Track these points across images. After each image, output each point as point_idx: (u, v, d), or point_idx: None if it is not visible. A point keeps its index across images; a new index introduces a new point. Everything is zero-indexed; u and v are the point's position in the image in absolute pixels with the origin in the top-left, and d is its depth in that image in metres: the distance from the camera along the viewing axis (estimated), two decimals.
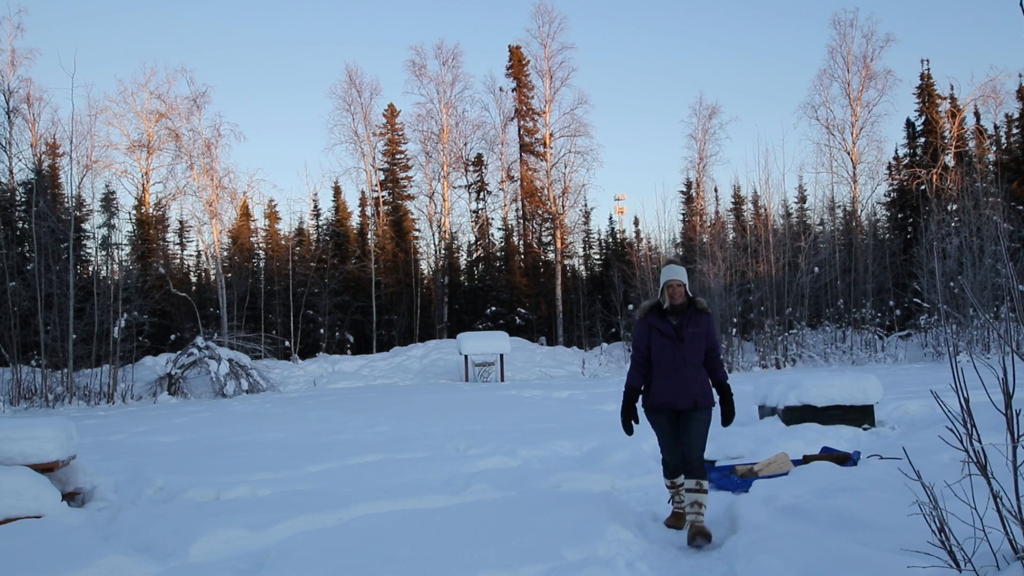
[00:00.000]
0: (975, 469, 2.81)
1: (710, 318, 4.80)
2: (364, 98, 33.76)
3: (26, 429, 5.67)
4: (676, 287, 4.75)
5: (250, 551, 4.54)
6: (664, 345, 4.72)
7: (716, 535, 4.62)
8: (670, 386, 4.68)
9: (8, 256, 20.97)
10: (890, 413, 9.20)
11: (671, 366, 4.68)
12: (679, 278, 4.77)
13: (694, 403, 4.65)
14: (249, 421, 12.62)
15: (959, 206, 26.38)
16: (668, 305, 4.77)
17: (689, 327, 4.71)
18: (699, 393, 4.68)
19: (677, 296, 4.75)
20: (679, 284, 4.76)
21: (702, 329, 4.73)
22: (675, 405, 4.68)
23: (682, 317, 4.75)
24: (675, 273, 4.80)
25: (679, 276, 4.79)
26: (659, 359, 4.73)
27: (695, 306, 4.79)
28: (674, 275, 4.79)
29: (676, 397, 4.67)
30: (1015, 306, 5.97)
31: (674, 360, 4.68)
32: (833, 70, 32.17)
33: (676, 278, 4.77)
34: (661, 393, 4.72)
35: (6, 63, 25.15)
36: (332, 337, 29.84)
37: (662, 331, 4.72)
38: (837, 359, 24.55)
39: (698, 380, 4.70)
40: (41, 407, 18.59)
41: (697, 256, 27.80)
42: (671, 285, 4.76)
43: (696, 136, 34.54)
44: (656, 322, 4.76)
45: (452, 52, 34.12)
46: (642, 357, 4.83)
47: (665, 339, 4.72)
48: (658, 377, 4.74)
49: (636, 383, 4.85)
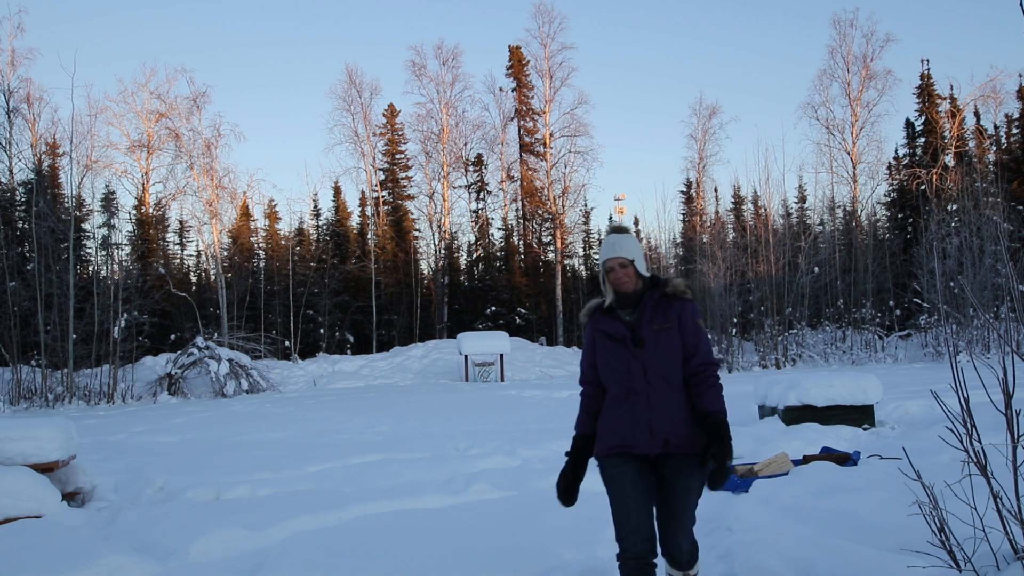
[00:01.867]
0: (975, 469, 2.81)
1: (689, 307, 3.01)
2: (364, 98, 33.80)
3: (26, 429, 5.67)
4: (619, 269, 3.01)
5: (250, 551, 4.54)
6: (614, 354, 2.98)
7: (716, 535, 4.61)
8: (624, 417, 2.92)
9: (8, 256, 20.97)
10: (890, 413, 9.20)
11: (625, 384, 2.94)
12: (622, 254, 3.00)
13: (665, 445, 2.86)
14: (249, 421, 12.62)
15: (959, 206, 26.38)
16: (612, 299, 3.06)
17: (651, 322, 2.96)
18: (673, 429, 2.88)
19: (624, 282, 3.00)
20: (623, 263, 3.00)
21: (673, 323, 2.96)
22: (633, 448, 2.89)
23: (640, 309, 3.01)
24: (616, 247, 3.03)
25: (622, 251, 3.01)
26: (609, 376, 3.01)
27: (662, 290, 3.04)
28: (614, 251, 3.02)
29: (634, 435, 2.89)
30: (1015, 306, 5.99)
31: (629, 374, 2.93)
32: (833, 70, 32.21)
33: (617, 255, 3.00)
34: (612, 430, 2.95)
35: (6, 63, 25.17)
36: (332, 337, 29.85)
37: (610, 333, 3.01)
38: (837, 359, 24.55)
39: (671, 407, 2.90)
40: (41, 407, 18.59)
41: (697, 256, 27.81)
42: (610, 268, 3.03)
43: (696, 136, 34.58)
44: (602, 322, 3.06)
45: (452, 52, 34.16)
46: (589, 382, 3.12)
47: (614, 344, 2.99)
48: (609, 404, 3.00)
49: (582, 428, 3.10)
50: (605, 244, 3.13)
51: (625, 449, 2.92)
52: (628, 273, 3.04)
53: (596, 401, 3.11)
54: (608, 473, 2.98)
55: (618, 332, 3.01)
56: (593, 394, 3.12)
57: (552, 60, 33.74)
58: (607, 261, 3.06)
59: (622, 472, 2.92)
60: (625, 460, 2.94)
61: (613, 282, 3.06)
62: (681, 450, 2.88)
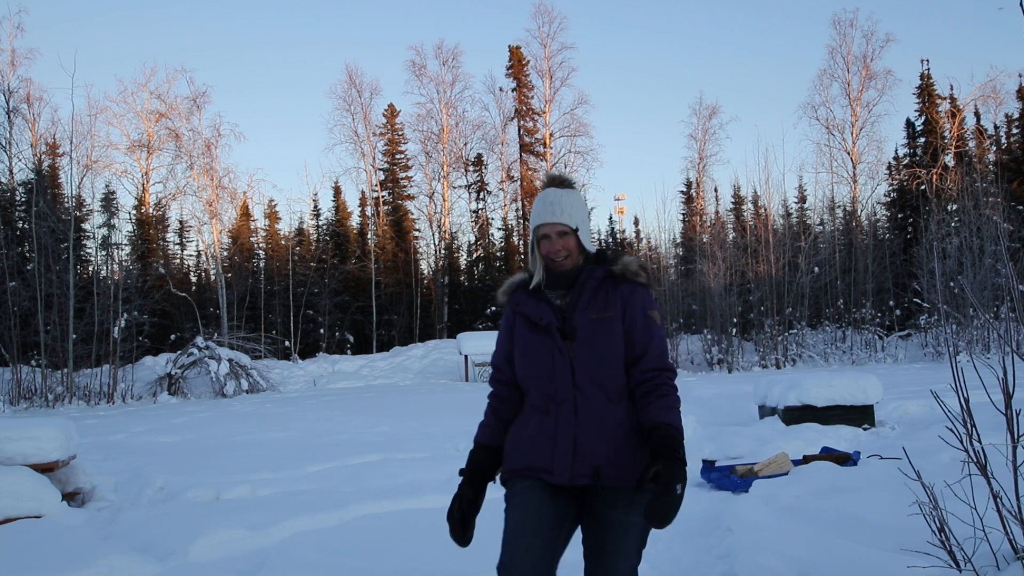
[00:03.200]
0: (975, 469, 2.81)
1: (640, 292, 2.28)
2: (364, 98, 33.81)
3: (26, 429, 5.67)
4: (557, 239, 2.28)
5: (250, 551, 4.54)
6: (536, 347, 2.26)
7: (716, 535, 4.62)
8: (540, 434, 2.22)
9: (8, 256, 20.97)
10: (890, 413, 9.20)
11: (546, 389, 2.24)
12: (562, 220, 2.27)
13: (594, 476, 2.15)
14: (249, 421, 12.62)
15: (959, 206, 26.38)
16: (542, 277, 2.33)
17: (589, 308, 2.24)
18: (607, 455, 2.16)
19: (561, 256, 2.28)
20: (563, 231, 2.27)
21: (616, 312, 2.23)
22: (549, 475, 2.18)
23: (577, 291, 2.29)
24: (555, 209, 2.28)
25: (563, 215, 2.27)
26: (528, 376, 2.29)
27: (608, 269, 2.31)
28: (553, 214, 2.27)
29: (552, 458, 2.18)
30: (1015, 306, 5.99)
31: (552, 376, 2.22)
32: (833, 70, 32.21)
33: (557, 220, 2.27)
34: (522, 449, 2.25)
35: (6, 63, 25.19)
36: (332, 337, 29.85)
37: (532, 318, 2.29)
38: (837, 359, 24.56)
39: (606, 424, 2.19)
40: (41, 407, 18.59)
41: (697, 256, 27.81)
42: (544, 235, 2.29)
43: (696, 136, 34.59)
44: (525, 303, 2.33)
45: (452, 52, 34.17)
46: (502, 381, 2.39)
47: (537, 334, 2.27)
48: (526, 415, 2.30)
49: (486, 438, 2.36)
50: (539, 202, 2.33)
51: (537, 475, 2.20)
52: (568, 245, 2.29)
53: (510, 406, 2.36)
54: (511, 492, 2.24)
55: (543, 318, 2.26)
56: (507, 396, 2.37)
57: (552, 60, 33.79)
58: (541, 226, 2.29)
59: (528, 488, 2.20)
60: (535, 488, 2.20)
61: (547, 254, 2.29)
62: (611, 483, 2.15)
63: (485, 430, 2.38)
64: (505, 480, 2.31)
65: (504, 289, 2.46)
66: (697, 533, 4.77)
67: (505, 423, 2.37)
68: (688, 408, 11.75)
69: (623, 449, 2.18)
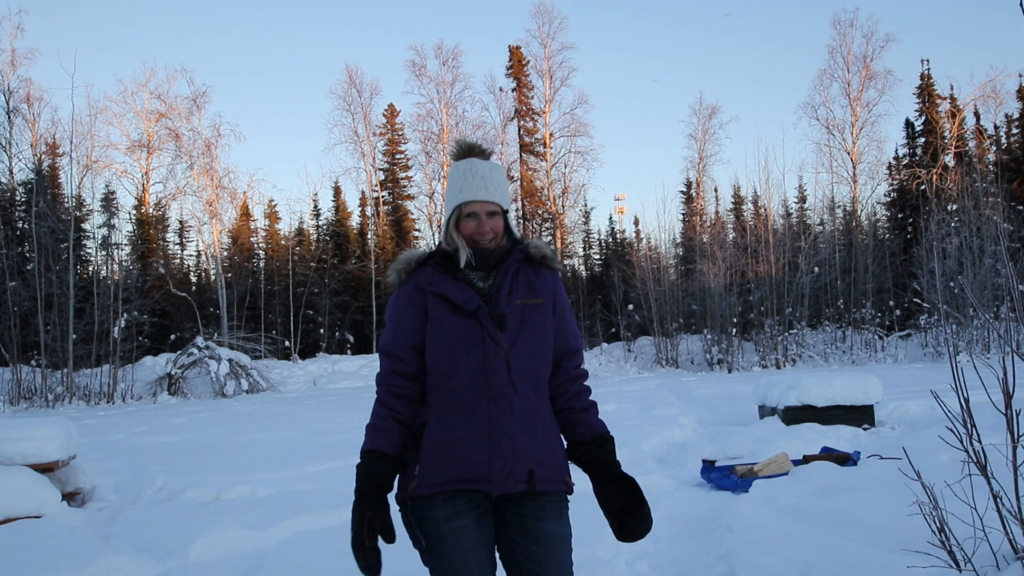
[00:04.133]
0: (975, 469, 2.81)
1: (559, 280, 2.17)
2: (364, 98, 33.78)
3: (26, 429, 5.67)
4: (486, 219, 2.05)
5: (250, 551, 4.54)
6: (461, 334, 1.98)
7: (716, 535, 4.61)
8: (473, 436, 1.94)
9: (8, 256, 20.98)
10: (890, 413, 9.20)
11: (479, 384, 1.96)
12: (494, 198, 2.06)
13: (529, 480, 1.96)
14: (249, 421, 12.62)
15: (959, 206, 26.38)
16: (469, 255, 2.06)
17: (514, 292, 2.05)
18: (540, 457, 1.99)
19: (486, 234, 2.06)
20: (493, 211, 2.06)
21: (545, 300, 2.08)
22: (488, 484, 1.93)
23: (499, 275, 2.06)
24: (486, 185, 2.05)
25: (494, 192, 2.06)
26: (450, 368, 1.98)
27: (525, 253, 2.12)
28: (485, 191, 2.05)
29: (491, 464, 1.93)
30: (1015, 306, 5.97)
31: (485, 368, 1.96)
32: (833, 70, 32.18)
33: (485, 198, 2.05)
34: (451, 456, 1.95)
35: (6, 63, 25.19)
36: (332, 337, 29.86)
37: (453, 300, 2.00)
38: (837, 359, 24.56)
39: (540, 423, 2.02)
40: (41, 407, 18.59)
41: (697, 256, 27.81)
42: (474, 212, 2.05)
43: (696, 136, 34.54)
44: (440, 282, 2.03)
45: (452, 52, 34.14)
46: (401, 373, 2.03)
47: (461, 319, 1.99)
48: (448, 415, 1.98)
49: (386, 444, 1.98)
50: (464, 174, 2.06)
51: (472, 486, 1.91)
52: (496, 227, 2.07)
53: (410, 405, 2.02)
54: (435, 527, 1.93)
55: (469, 301, 1.98)
56: (408, 394, 2.01)
57: (552, 60, 33.76)
58: (469, 203, 2.03)
59: (459, 529, 1.92)
60: (464, 506, 1.93)
61: (471, 236, 2.05)
62: (548, 487, 1.98)
63: (381, 435, 1.97)
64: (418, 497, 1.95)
65: (401, 264, 2.10)
66: (697, 533, 4.77)
67: (404, 426, 2.01)
68: (688, 408, 11.77)
69: (553, 451, 2.03)
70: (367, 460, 1.97)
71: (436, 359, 2.00)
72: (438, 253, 2.09)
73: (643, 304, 27.23)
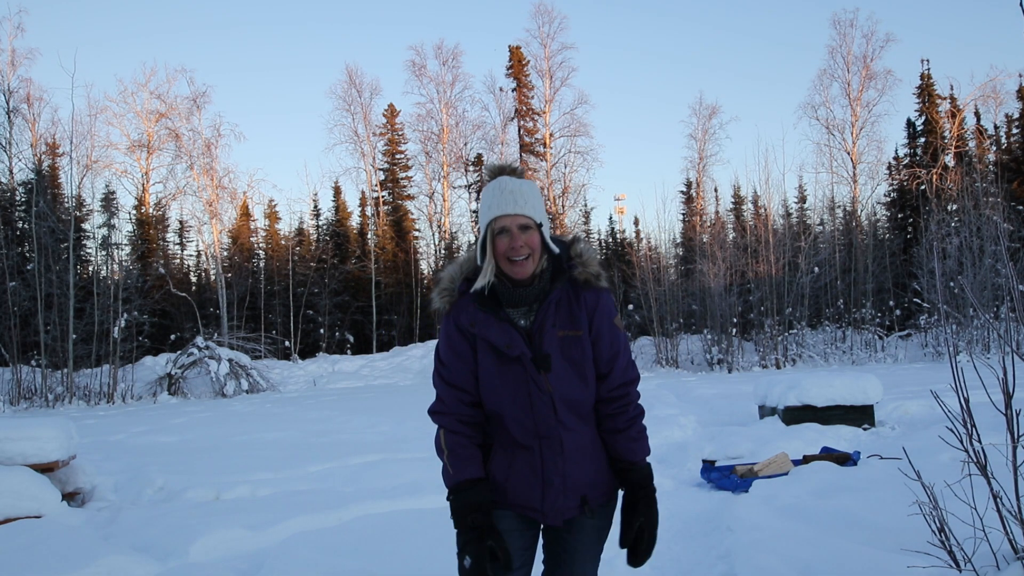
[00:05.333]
0: (975, 469, 2.81)
1: (605, 299, 2.09)
2: (364, 98, 33.80)
3: (26, 429, 5.67)
4: (519, 234, 1.97)
5: (250, 551, 4.54)
6: (506, 378, 2.01)
7: (716, 535, 4.61)
8: (526, 472, 2.04)
9: (8, 256, 20.98)
10: (890, 413, 9.20)
11: (528, 427, 2.02)
12: (525, 212, 1.98)
13: (581, 506, 2.08)
14: (249, 421, 12.62)
15: (959, 206, 26.37)
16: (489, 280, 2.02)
17: (556, 325, 2.02)
18: (591, 482, 2.09)
19: (523, 258, 1.97)
20: (526, 224, 1.98)
21: (583, 330, 2.04)
22: (543, 517, 2.06)
23: (538, 304, 2.03)
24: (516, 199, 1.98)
25: (525, 206, 1.98)
26: (502, 412, 2.03)
27: (569, 275, 2.06)
28: (515, 204, 1.97)
29: (543, 498, 2.04)
30: (1015, 306, 5.97)
31: (533, 412, 2.00)
32: (833, 70, 32.19)
33: (515, 211, 1.97)
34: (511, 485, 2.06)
35: (6, 63, 25.19)
36: (332, 337, 29.86)
37: (497, 345, 2.00)
38: (837, 359, 24.55)
39: (588, 451, 2.08)
40: (41, 407, 18.59)
41: (697, 256, 27.81)
42: (505, 227, 1.97)
43: (696, 136, 34.55)
44: (482, 323, 2.01)
45: (452, 52, 34.17)
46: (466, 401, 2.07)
47: (505, 364, 2.01)
48: (507, 445, 2.06)
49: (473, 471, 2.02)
50: (493, 192, 1.98)
51: (528, 513, 2.05)
52: (531, 242, 1.96)
53: (481, 429, 2.08)
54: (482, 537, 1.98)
55: (512, 345, 1.97)
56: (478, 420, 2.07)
57: (552, 60, 33.76)
58: (499, 219, 1.95)
59: (507, 531, 2.04)
60: (515, 515, 2.07)
61: (505, 252, 1.95)
62: (597, 505, 2.12)
63: (469, 464, 2.01)
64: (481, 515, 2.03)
65: (445, 291, 2.07)
66: (697, 533, 4.77)
67: (482, 449, 2.08)
68: (688, 408, 11.76)
69: (602, 470, 2.13)
70: (466, 490, 2.00)
71: (486, 400, 2.07)
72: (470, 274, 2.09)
73: (643, 304, 27.22)
